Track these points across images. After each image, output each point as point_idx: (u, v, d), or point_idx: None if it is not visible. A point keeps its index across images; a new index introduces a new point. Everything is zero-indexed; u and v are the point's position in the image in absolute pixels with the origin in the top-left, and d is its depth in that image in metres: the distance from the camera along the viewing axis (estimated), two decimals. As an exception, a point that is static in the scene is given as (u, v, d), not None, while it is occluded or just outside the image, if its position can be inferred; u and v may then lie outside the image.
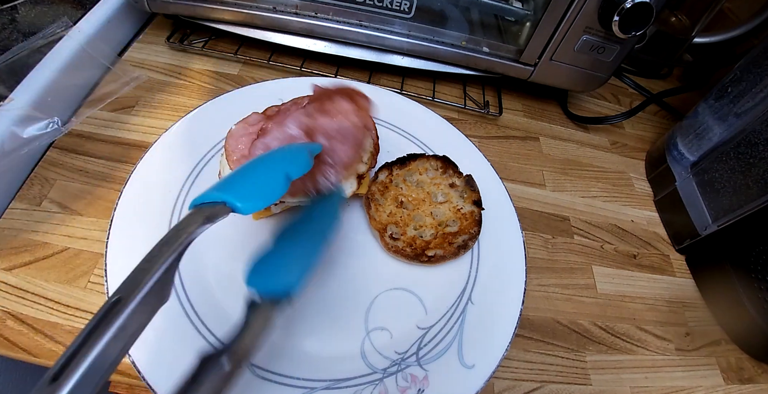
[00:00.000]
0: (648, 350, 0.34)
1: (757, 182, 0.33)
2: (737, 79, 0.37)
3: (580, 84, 0.44)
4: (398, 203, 0.33)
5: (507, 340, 0.28)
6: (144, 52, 0.44)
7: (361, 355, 0.27)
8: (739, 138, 0.36)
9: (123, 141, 0.36)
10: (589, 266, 0.37)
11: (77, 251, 0.30)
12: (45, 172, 0.33)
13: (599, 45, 0.39)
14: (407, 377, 0.26)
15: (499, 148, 0.44)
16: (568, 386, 0.31)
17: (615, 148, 0.48)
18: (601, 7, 0.36)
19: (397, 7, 0.40)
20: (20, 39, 0.37)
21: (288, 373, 0.25)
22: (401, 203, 0.33)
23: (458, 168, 0.35)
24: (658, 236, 0.41)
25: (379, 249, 0.32)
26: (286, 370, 0.25)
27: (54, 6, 0.41)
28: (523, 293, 0.30)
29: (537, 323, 0.33)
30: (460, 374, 0.27)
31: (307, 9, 0.41)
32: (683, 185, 0.40)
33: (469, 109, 0.45)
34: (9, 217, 0.31)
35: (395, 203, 0.33)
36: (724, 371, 0.34)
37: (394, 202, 0.33)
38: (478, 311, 0.30)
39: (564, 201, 0.41)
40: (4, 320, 0.27)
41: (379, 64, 0.45)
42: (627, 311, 0.35)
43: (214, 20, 0.42)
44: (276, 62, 0.45)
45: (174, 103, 0.40)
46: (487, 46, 0.43)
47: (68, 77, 0.37)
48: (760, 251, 0.34)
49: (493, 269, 0.32)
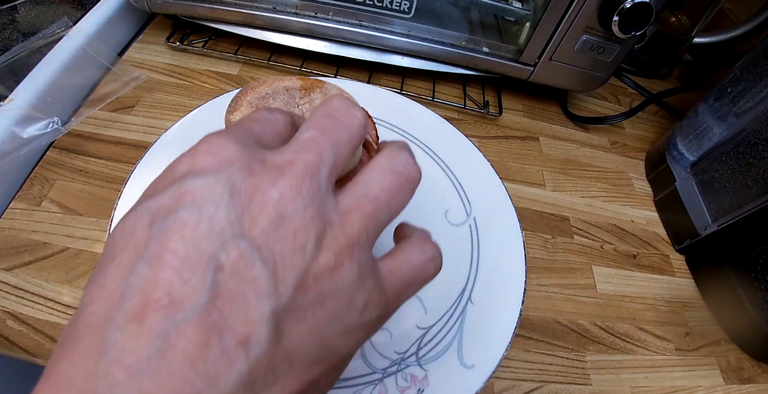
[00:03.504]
0: (648, 350, 0.34)
1: (757, 182, 0.33)
2: (737, 79, 0.37)
3: (580, 84, 0.44)
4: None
5: (507, 340, 0.28)
6: (144, 52, 0.44)
7: (360, 355, 0.27)
8: (739, 138, 0.36)
9: (123, 141, 0.36)
10: (589, 266, 0.37)
11: (77, 250, 0.30)
12: (45, 172, 0.34)
13: (599, 45, 0.39)
14: (407, 376, 0.26)
15: (498, 148, 0.44)
16: (567, 386, 0.31)
17: (615, 148, 0.48)
18: (601, 7, 0.36)
19: (397, 7, 0.40)
20: (20, 39, 0.37)
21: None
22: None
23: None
24: (658, 236, 0.41)
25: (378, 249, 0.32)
26: None
27: (54, 6, 0.41)
28: (523, 293, 0.30)
29: (537, 322, 0.33)
30: (460, 373, 0.27)
31: (307, 9, 0.41)
32: (683, 185, 0.40)
33: (469, 109, 0.45)
34: (9, 217, 0.31)
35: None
36: (724, 371, 0.34)
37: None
38: (478, 310, 0.30)
39: (564, 201, 0.41)
40: (4, 320, 0.27)
41: (378, 64, 0.45)
42: (627, 311, 0.35)
43: (214, 20, 0.42)
44: (276, 62, 0.45)
45: (174, 103, 0.40)
46: (487, 46, 0.43)
47: (68, 77, 0.37)
48: (760, 251, 0.34)
49: (493, 269, 0.32)
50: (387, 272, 0.15)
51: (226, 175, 0.12)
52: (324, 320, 0.12)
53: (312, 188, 0.13)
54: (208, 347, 0.10)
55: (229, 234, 0.11)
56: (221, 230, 0.11)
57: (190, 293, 0.11)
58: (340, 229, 0.13)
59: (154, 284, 0.11)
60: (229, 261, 0.11)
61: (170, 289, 0.11)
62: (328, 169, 0.14)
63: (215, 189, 0.12)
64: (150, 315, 0.10)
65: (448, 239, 0.33)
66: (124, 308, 0.11)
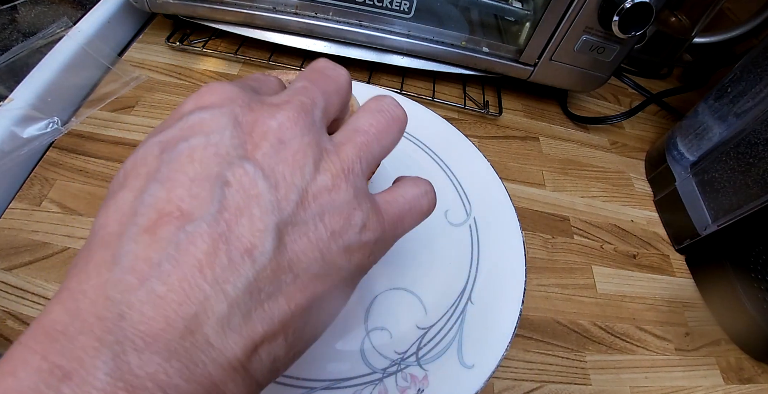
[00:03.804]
0: (648, 350, 0.34)
1: (757, 182, 0.33)
2: (737, 79, 0.37)
3: (580, 84, 0.44)
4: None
5: (507, 340, 0.28)
6: (144, 52, 0.44)
7: (360, 355, 0.27)
8: (738, 138, 0.36)
9: (123, 141, 0.36)
10: (589, 266, 0.37)
11: (77, 251, 0.30)
12: (45, 172, 0.34)
13: (599, 45, 0.39)
14: (407, 377, 0.26)
15: (498, 148, 0.44)
16: (567, 386, 0.31)
17: (615, 148, 0.48)
18: (601, 7, 0.36)
19: (397, 7, 0.40)
20: (20, 39, 0.37)
21: (288, 373, 0.25)
22: None
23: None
24: (657, 236, 0.41)
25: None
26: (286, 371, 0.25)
27: (54, 6, 0.41)
28: (523, 293, 0.30)
29: (537, 323, 0.33)
30: (460, 373, 0.27)
31: (307, 9, 0.41)
32: (683, 185, 0.40)
33: (469, 109, 0.45)
34: (9, 217, 0.31)
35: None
36: (723, 371, 0.34)
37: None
38: (478, 310, 0.30)
39: (564, 201, 0.41)
40: (4, 320, 0.27)
41: (378, 64, 0.45)
42: (627, 311, 0.35)
43: (214, 20, 0.42)
44: (276, 62, 0.45)
45: (174, 103, 0.40)
46: (486, 46, 0.43)
47: (68, 77, 0.37)
48: (760, 251, 0.34)
49: (493, 269, 0.32)
50: (383, 202, 0.16)
51: (230, 109, 0.14)
52: (324, 235, 0.13)
53: (307, 121, 0.14)
54: (217, 254, 0.11)
55: (235, 156, 0.13)
56: (227, 153, 0.13)
57: (200, 206, 0.12)
58: (336, 156, 0.14)
59: (166, 200, 0.12)
60: (235, 179, 0.12)
61: (181, 203, 0.12)
62: (320, 110, 0.15)
63: (220, 120, 0.13)
64: (162, 227, 0.11)
65: (448, 239, 0.33)
66: (137, 223, 0.12)
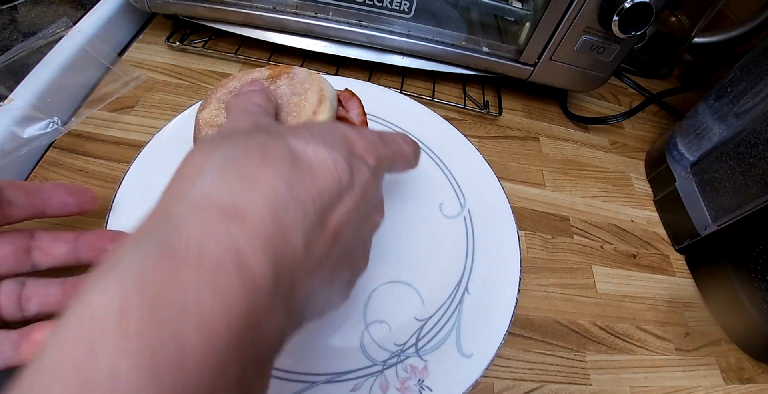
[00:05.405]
0: (648, 350, 0.34)
1: (757, 182, 0.33)
2: (737, 79, 0.37)
3: (580, 84, 0.44)
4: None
5: (504, 328, 0.28)
6: (144, 52, 0.44)
7: (360, 348, 0.27)
8: (739, 138, 0.36)
9: (123, 141, 0.36)
10: (589, 265, 0.37)
11: (77, 250, 0.30)
12: (45, 172, 0.33)
13: (599, 45, 0.39)
14: (407, 367, 0.27)
15: (498, 148, 0.44)
16: (567, 386, 0.31)
17: (615, 148, 0.48)
18: (601, 7, 0.36)
19: (397, 7, 0.40)
20: (20, 39, 0.37)
21: (288, 368, 0.26)
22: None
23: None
24: (657, 236, 0.41)
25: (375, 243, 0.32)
26: (287, 365, 0.26)
27: (54, 6, 0.41)
28: (518, 282, 0.30)
29: (537, 322, 0.33)
30: (459, 363, 0.27)
31: (307, 9, 0.41)
32: (683, 185, 0.40)
33: (469, 109, 0.45)
34: (9, 217, 0.31)
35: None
36: (723, 371, 0.34)
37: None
38: (475, 300, 0.30)
39: (564, 201, 0.41)
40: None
41: (378, 64, 0.45)
42: (627, 311, 0.35)
43: (214, 20, 0.42)
44: (276, 62, 0.45)
45: (174, 103, 0.40)
46: (486, 46, 0.43)
47: (68, 77, 0.37)
48: (760, 251, 0.34)
49: (489, 259, 0.32)
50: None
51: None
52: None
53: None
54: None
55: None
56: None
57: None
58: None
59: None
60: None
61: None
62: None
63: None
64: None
65: (444, 232, 0.33)
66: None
